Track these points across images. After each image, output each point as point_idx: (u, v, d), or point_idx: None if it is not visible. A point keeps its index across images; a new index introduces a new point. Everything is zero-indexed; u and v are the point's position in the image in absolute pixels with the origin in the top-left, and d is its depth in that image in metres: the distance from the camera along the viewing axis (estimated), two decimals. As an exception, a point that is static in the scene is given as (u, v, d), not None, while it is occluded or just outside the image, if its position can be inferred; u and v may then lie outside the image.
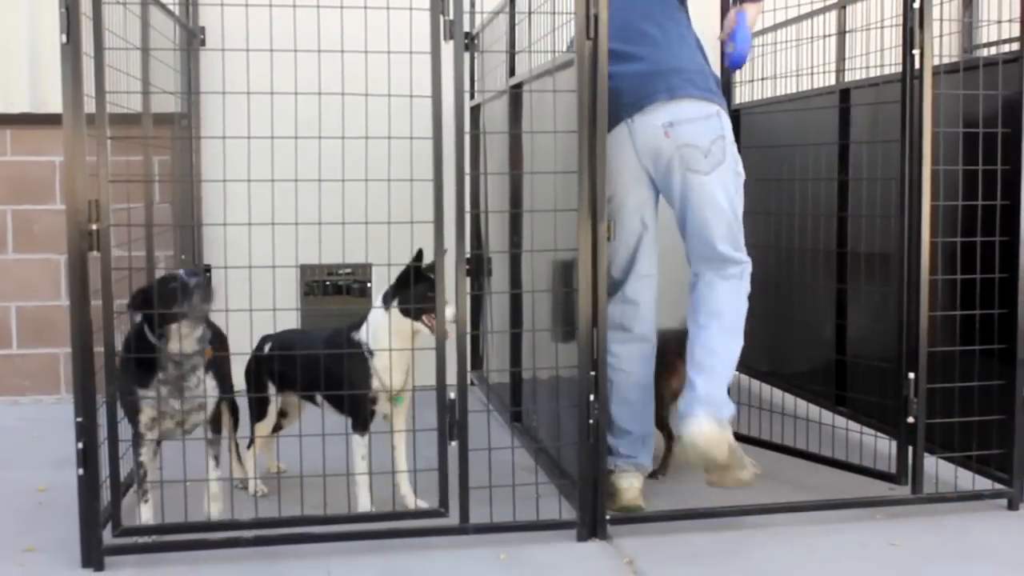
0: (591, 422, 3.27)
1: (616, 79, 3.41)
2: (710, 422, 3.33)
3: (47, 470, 3.96)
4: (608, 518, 3.33)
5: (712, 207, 3.48)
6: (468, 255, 3.26)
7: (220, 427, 3.41)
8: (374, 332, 3.44)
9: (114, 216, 3.11)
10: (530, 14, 4.06)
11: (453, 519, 3.25)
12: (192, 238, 4.83)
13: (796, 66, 4.55)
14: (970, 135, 3.52)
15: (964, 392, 3.56)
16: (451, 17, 3.14)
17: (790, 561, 3.18)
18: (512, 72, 4.51)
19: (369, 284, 5.39)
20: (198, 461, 3.38)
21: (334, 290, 5.43)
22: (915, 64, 3.44)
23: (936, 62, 3.48)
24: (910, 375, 3.50)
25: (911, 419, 3.51)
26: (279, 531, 3.19)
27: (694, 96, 3.49)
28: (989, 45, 5.44)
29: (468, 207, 3.70)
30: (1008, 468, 3.54)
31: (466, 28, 4.51)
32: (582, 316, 3.26)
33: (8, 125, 5.17)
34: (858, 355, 4.22)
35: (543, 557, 3.19)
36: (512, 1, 4.41)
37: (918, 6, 3.40)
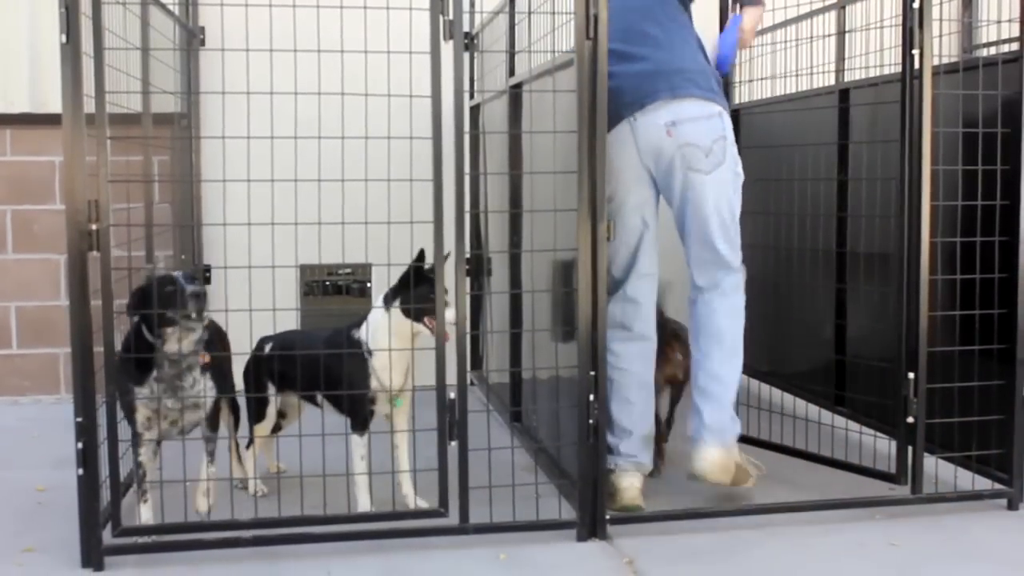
0: (591, 422, 3.27)
1: (619, 78, 3.44)
2: (718, 449, 3.53)
3: (47, 470, 3.96)
4: (608, 518, 3.33)
5: (711, 207, 3.51)
6: (468, 255, 3.26)
7: (217, 426, 3.41)
8: (373, 332, 3.44)
9: (114, 216, 3.11)
10: (530, 14, 4.06)
11: (453, 519, 3.25)
12: (192, 238, 4.83)
13: (796, 66, 4.55)
14: (970, 135, 3.52)
15: (964, 392, 3.56)
16: (451, 17, 3.14)
17: (790, 561, 3.18)
18: (512, 72, 4.51)
19: (369, 284, 5.39)
20: (198, 461, 3.38)
21: (334, 290, 5.43)
22: (915, 64, 3.44)
23: (936, 62, 3.48)
24: (910, 375, 3.50)
25: (911, 419, 3.51)
26: (279, 531, 3.18)
27: (696, 96, 3.51)
28: (989, 45, 5.44)
29: (468, 207, 3.70)
30: (1008, 468, 3.55)
31: (466, 28, 4.51)
32: (582, 316, 3.26)
33: (8, 125, 5.17)
34: (858, 355, 4.22)
35: (543, 557, 3.19)
36: (512, 1, 4.41)
37: (918, 6, 3.40)
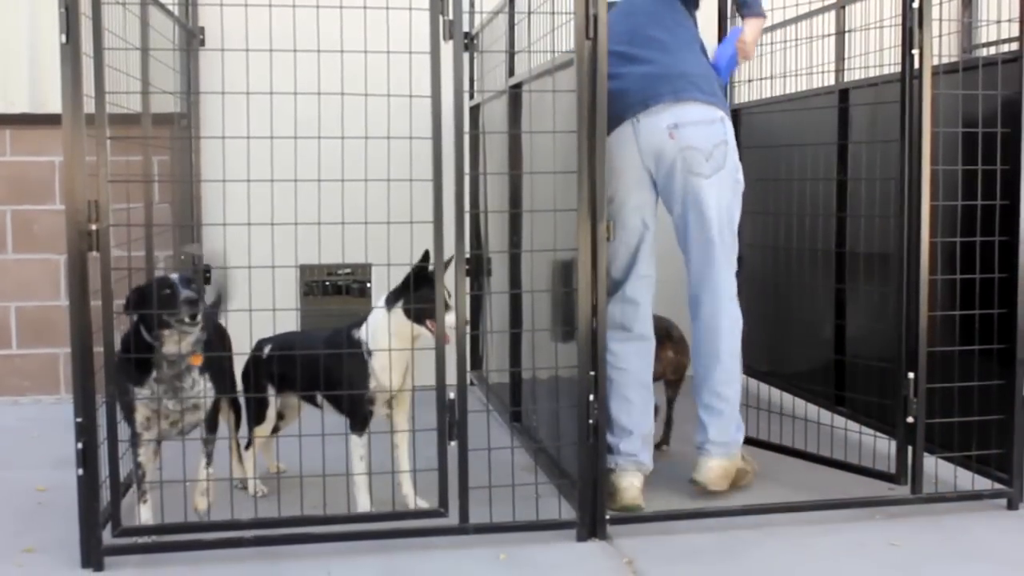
0: (591, 422, 3.27)
1: (623, 80, 3.50)
2: (722, 461, 3.64)
3: (47, 470, 3.96)
4: (608, 518, 3.33)
5: (711, 211, 3.55)
6: (468, 255, 3.26)
7: (215, 427, 3.41)
8: (373, 332, 3.44)
9: (114, 216, 3.11)
10: (529, 14, 4.06)
11: (453, 519, 3.24)
12: (192, 238, 4.83)
13: (795, 66, 4.55)
14: (969, 135, 3.52)
15: (964, 392, 3.56)
16: (450, 17, 3.14)
17: (790, 561, 3.18)
18: (511, 72, 4.51)
19: (369, 284, 5.39)
20: (197, 462, 3.37)
21: (334, 290, 5.43)
22: (914, 64, 3.44)
23: (935, 62, 3.48)
24: (910, 375, 3.50)
25: (911, 419, 3.51)
26: (279, 531, 3.18)
27: (699, 100, 3.55)
28: (988, 45, 5.44)
29: (467, 207, 3.70)
30: (1008, 468, 3.54)
31: (465, 28, 4.51)
32: (582, 316, 3.26)
33: (8, 125, 5.17)
34: (857, 355, 4.22)
35: (543, 557, 3.19)
36: (511, 1, 4.41)
37: (917, 6, 3.40)
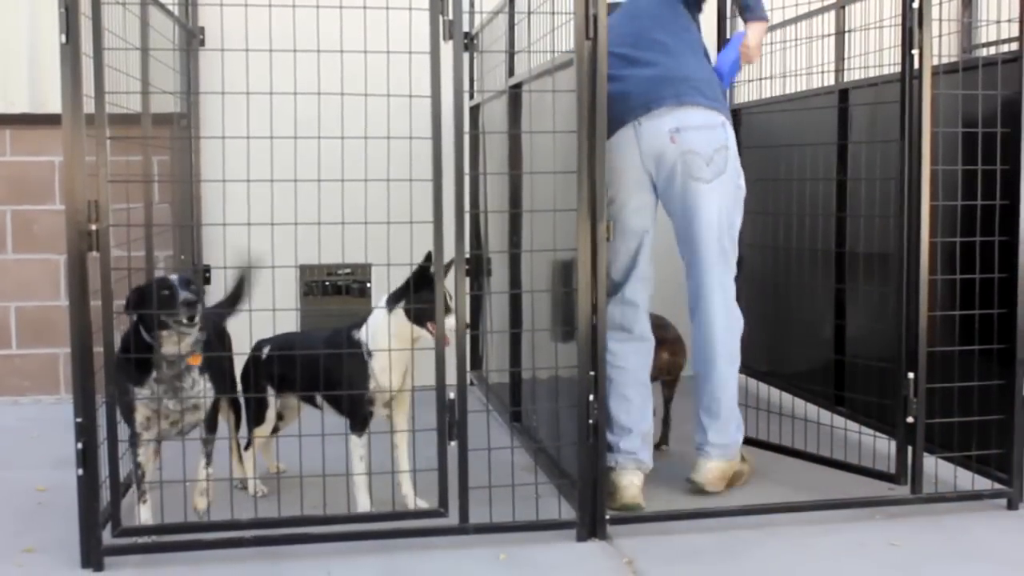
0: (591, 422, 3.27)
1: (626, 82, 3.53)
2: (720, 463, 3.68)
3: (46, 470, 3.96)
4: (608, 518, 3.33)
5: (710, 216, 3.57)
6: (468, 255, 3.26)
7: (215, 427, 3.41)
8: (374, 333, 3.44)
9: (113, 216, 3.11)
10: (529, 14, 4.06)
11: (453, 519, 3.24)
12: (191, 238, 4.83)
13: (795, 66, 4.55)
14: (969, 135, 3.52)
15: (963, 392, 3.56)
16: (450, 17, 3.14)
17: (790, 561, 3.18)
18: (511, 72, 4.51)
19: (369, 284, 5.39)
20: (196, 462, 3.37)
21: (333, 290, 5.43)
22: (914, 64, 3.44)
23: (935, 62, 3.48)
24: (909, 375, 3.50)
25: (910, 419, 3.51)
26: (279, 531, 3.18)
27: (702, 104, 3.56)
28: (988, 45, 5.45)
29: (467, 207, 3.70)
30: (1008, 468, 3.54)
31: (465, 28, 4.51)
32: (581, 316, 3.26)
33: (8, 125, 5.17)
34: (857, 355, 4.22)
35: (543, 557, 3.19)
36: (511, 1, 4.41)
37: (917, 6, 3.40)
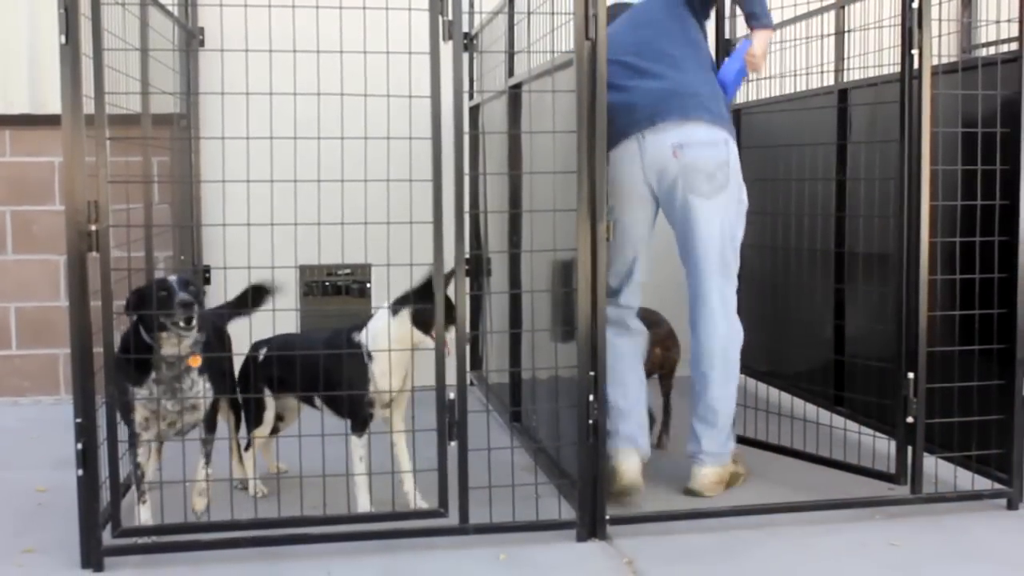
0: (591, 422, 3.27)
1: (631, 93, 3.57)
2: (714, 468, 3.69)
3: (46, 471, 3.96)
4: (608, 517, 3.32)
5: (711, 230, 3.60)
6: (467, 255, 3.27)
7: (214, 428, 3.41)
8: (375, 336, 3.43)
9: (113, 217, 3.11)
10: (529, 14, 4.06)
11: (453, 519, 3.24)
12: (191, 239, 4.83)
13: (795, 66, 4.55)
14: (969, 135, 3.52)
15: (963, 392, 3.56)
16: (450, 17, 3.14)
17: (790, 561, 3.18)
18: (511, 72, 4.51)
19: (368, 284, 5.39)
20: (195, 462, 3.37)
21: (333, 290, 5.43)
22: (914, 64, 3.44)
23: (935, 62, 3.48)
24: (909, 375, 3.50)
25: (910, 419, 3.51)
26: (279, 531, 3.18)
27: (706, 120, 3.58)
28: (988, 45, 5.45)
29: (467, 207, 3.71)
30: (1007, 468, 3.54)
31: (465, 28, 4.51)
32: (581, 316, 3.26)
33: (7, 126, 5.17)
34: (857, 355, 4.22)
35: (543, 557, 3.19)
36: (511, 1, 4.41)
37: (917, 6, 3.40)
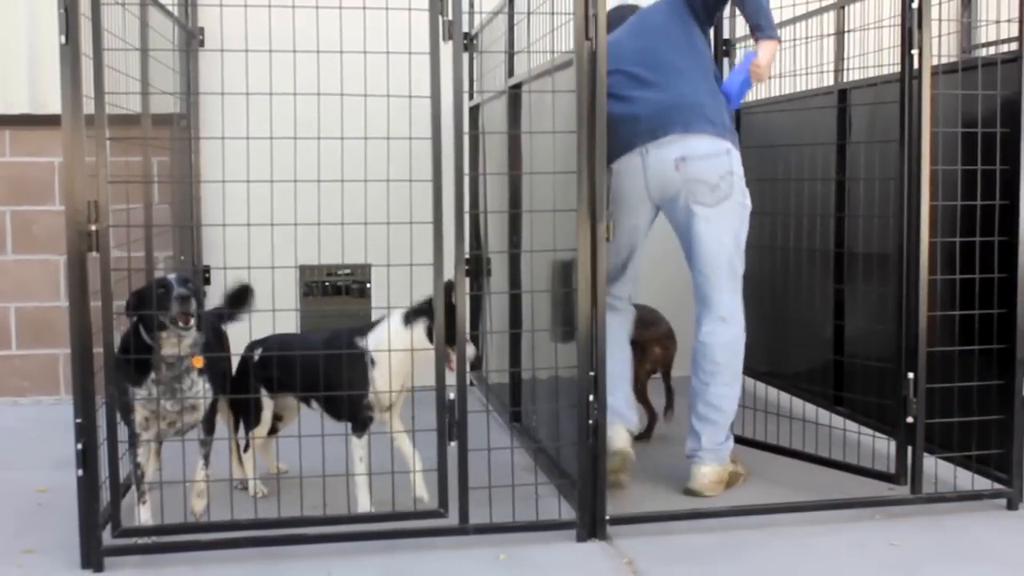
0: (590, 422, 3.27)
1: (634, 104, 3.61)
2: (713, 467, 3.71)
3: (46, 471, 3.96)
4: (608, 518, 3.32)
5: (716, 238, 3.64)
6: (467, 255, 3.27)
7: (212, 429, 3.41)
8: (380, 343, 3.42)
9: (113, 217, 3.11)
10: (529, 14, 4.06)
11: (453, 519, 3.24)
12: (191, 239, 4.83)
13: (795, 66, 4.55)
14: (969, 135, 3.52)
15: (963, 392, 3.56)
16: (450, 17, 3.14)
17: (790, 561, 3.18)
18: (511, 72, 4.51)
19: (368, 285, 5.39)
20: (195, 463, 3.37)
21: (333, 291, 5.43)
22: (914, 64, 3.44)
23: (935, 62, 3.48)
24: (909, 375, 3.50)
25: (910, 419, 3.51)
26: (279, 532, 3.18)
27: (708, 132, 3.61)
28: (988, 45, 5.45)
29: (467, 207, 3.71)
30: (1007, 468, 3.54)
31: (465, 28, 4.51)
32: (581, 316, 3.26)
33: (7, 126, 5.17)
34: (857, 355, 4.22)
35: (543, 557, 3.19)
36: (511, 1, 4.41)
37: (917, 6, 3.40)
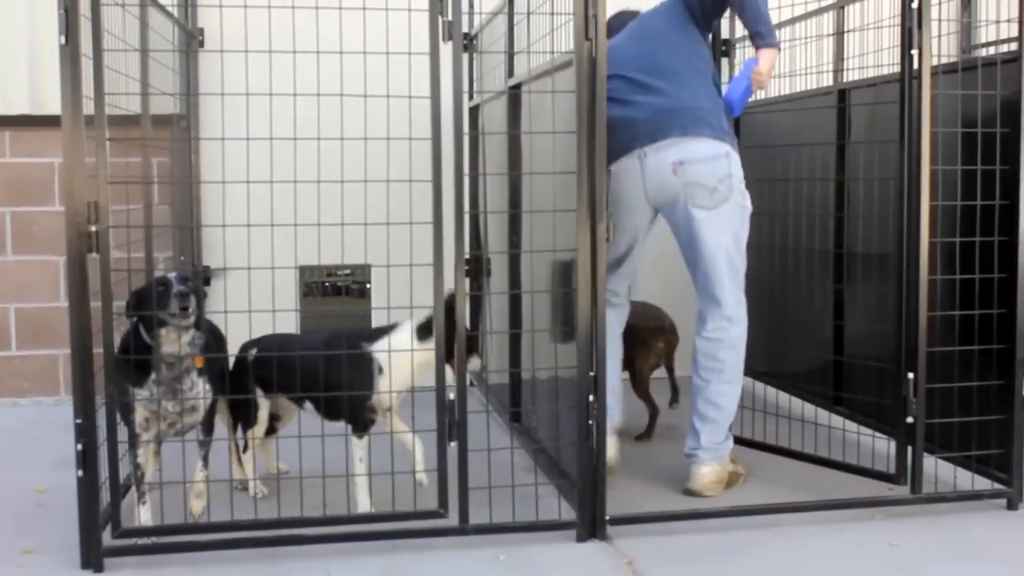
0: (590, 422, 3.27)
1: (633, 108, 3.62)
2: (713, 467, 3.71)
3: (46, 471, 3.96)
4: (608, 518, 3.32)
5: (714, 241, 3.64)
6: (467, 256, 3.27)
7: (211, 430, 3.41)
8: (394, 354, 3.42)
9: (113, 218, 3.11)
10: (528, 15, 4.06)
11: (453, 520, 3.24)
12: (191, 239, 4.83)
13: (795, 66, 4.55)
14: (969, 135, 3.52)
15: (963, 392, 3.56)
16: (450, 18, 3.14)
17: (790, 561, 3.18)
18: (511, 73, 4.51)
19: (368, 285, 5.39)
20: (194, 464, 3.37)
21: (333, 291, 5.43)
22: (914, 64, 3.44)
23: (935, 62, 3.48)
24: (909, 375, 3.50)
25: (910, 419, 3.51)
26: (279, 532, 3.18)
27: (707, 136, 3.61)
28: (988, 45, 5.45)
29: (467, 208, 3.71)
30: (1007, 468, 3.54)
31: (465, 29, 4.51)
32: (581, 316, 3.26)
33: (7, 126, 5.17)
34: (857, 355, 4.22)
35: (543, 558, 3.19)
36: (511, 2, 4.41)
37: (916, 6, 3.40)
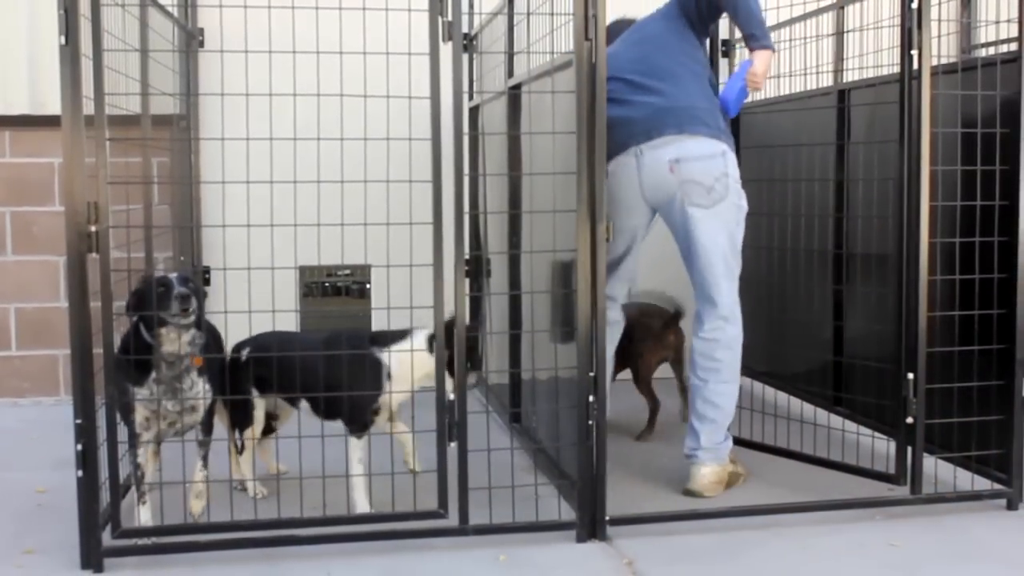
0: (590, 423, 3.27)
1: (631, 107, 3.64)
2: (712, 467, 3.71)
3: (46, 472, 3.96)
4: (608, 518, 3.32)
5: (710, 241, 3.65)
6: (467, 256, 3.27)
7: (211, 430, 3.41)
8: (402, 361, 3.42)
9: (113, 218, 3.11)
10: (528, 15, 4.06)
11: (453, 520, 3.24)
12: (191, 240, 4.83)
13: (795, 66, 4.55)
14: (969, 135, 3.52)
15: (963, 392, 3.56)
16: (449, 18, 3.14)
17: (790, 561, 3.18)
18: (511, 73, 4.51)
19: (368, 285, 5.39)
20: (193, 464, 3.38)
21: (333, 291, 5.43)
22: (913, 64, 3.44)
23: (935, 62, 3.48)
24: (909, 375, 3.50)
25: (910, 419, 3.51)
26: (279, 532, 3.18)
27: (704, 134, 3.62)
28: (987, 45, 5.45)
29: (467, 208, 3.71)
30: (1007, 468, 3.54)
31: (465, 29, 4.51)
32: (581, 317, 3.26)
33: (7, 127, 5.17)
34: (856, 356, 4.22)
35: (542, 558, 3.19)
36: (511, 2, 4.41)
37: (916, 6, 3.41)
